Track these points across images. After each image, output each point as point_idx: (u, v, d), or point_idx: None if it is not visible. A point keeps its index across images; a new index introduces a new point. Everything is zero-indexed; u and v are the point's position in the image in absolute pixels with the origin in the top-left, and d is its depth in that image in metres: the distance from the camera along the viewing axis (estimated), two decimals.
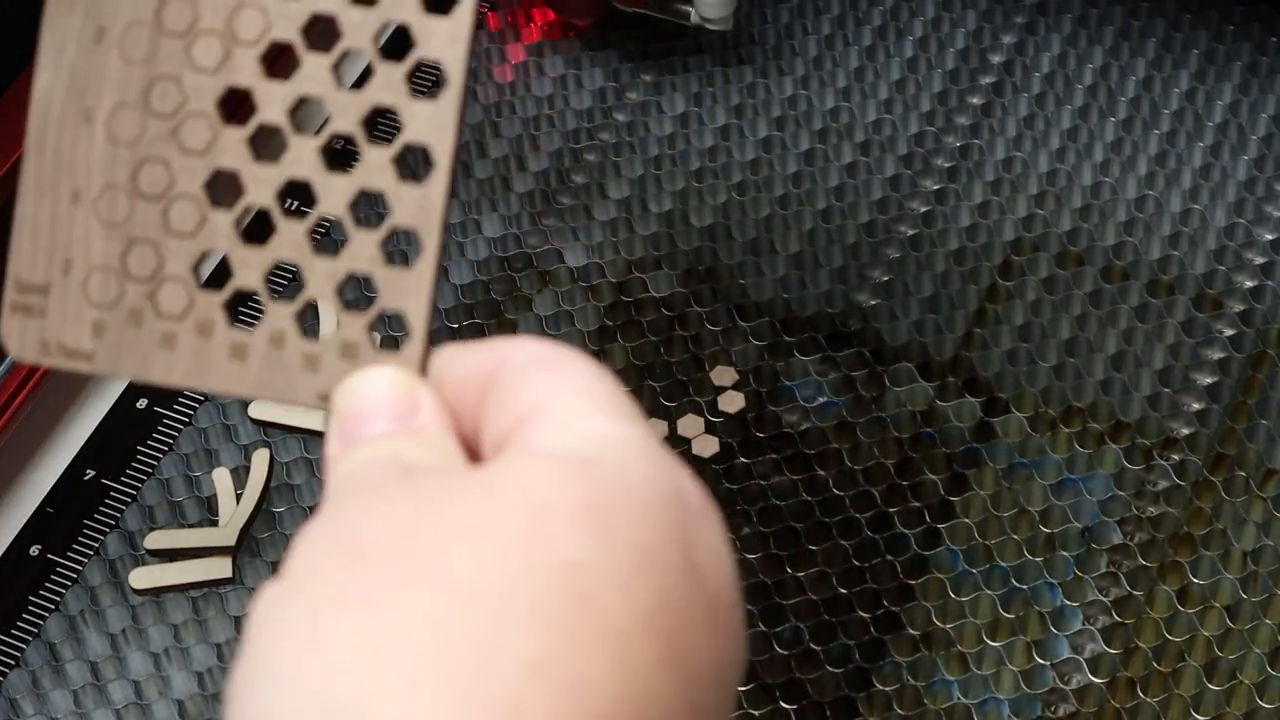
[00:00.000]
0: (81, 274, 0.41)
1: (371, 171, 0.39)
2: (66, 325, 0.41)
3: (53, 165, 0.41)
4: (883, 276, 0.72)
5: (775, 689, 0.61)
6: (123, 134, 0.40)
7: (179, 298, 0.40)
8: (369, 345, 0.39)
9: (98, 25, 0.41)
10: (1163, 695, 0.61)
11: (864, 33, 0.79)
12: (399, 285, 0.39)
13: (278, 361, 0.40)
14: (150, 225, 0.40)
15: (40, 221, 0.41)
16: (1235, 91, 0.76)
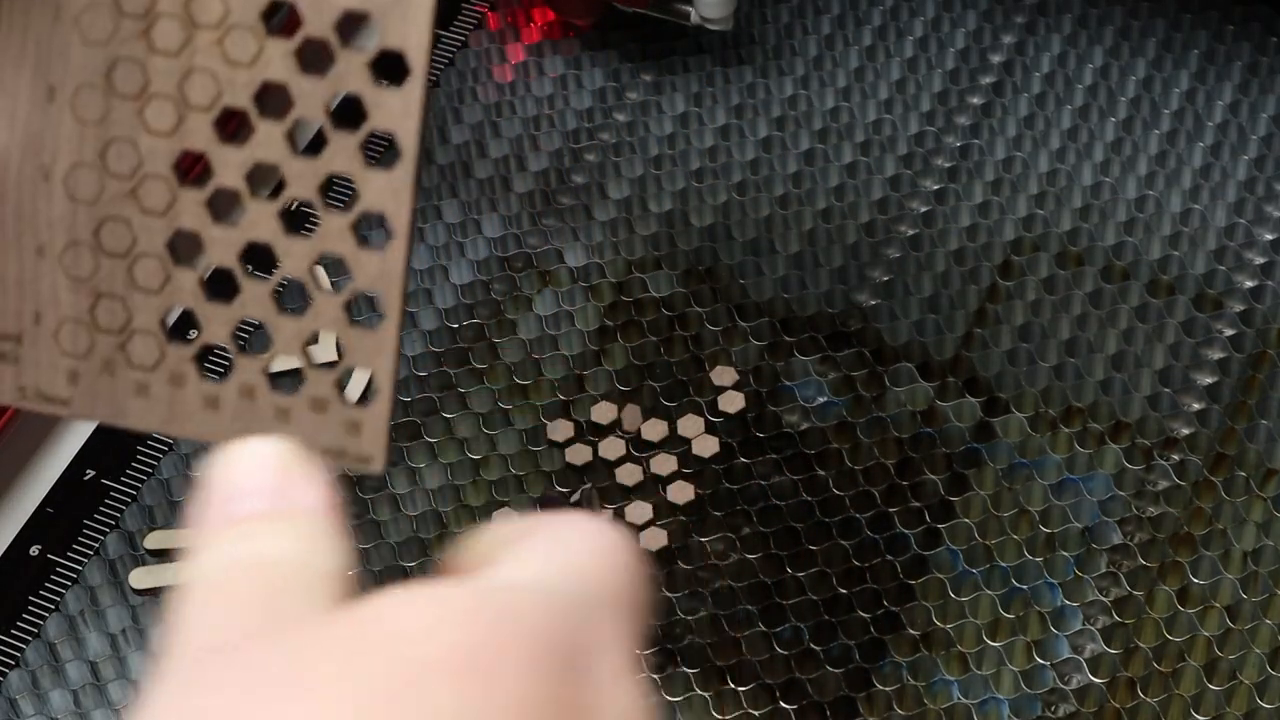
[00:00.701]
0: (52, 325, 0.41)
1: (330, 237, 0.40)
2: (41, 372, 0.41)
3: (15, 220, 0.41)
4: (883, 276, 0.72)
5: (775, 689, 0.61)
6: (82, 193, 0.41)
7: (150, 350, 0.41)
8: (337, 401, 0.40)
9: (48, 84, 0.41)
10: (1163, 695, 0.61)
11: (864, 33, 0.79)
12: (364, 346, 0.40)
13: (250, 412, 0.41)
14: (116, 280, 0.41)
15: (7, 274, 0.41)
16: (1235, 91, 0.76)
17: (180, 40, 0.40)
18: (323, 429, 0.41)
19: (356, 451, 0.41)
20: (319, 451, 0.40)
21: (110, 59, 0.40)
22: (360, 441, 0.41)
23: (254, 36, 0.40)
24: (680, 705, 0.61)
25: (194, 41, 0.40)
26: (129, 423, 0.41)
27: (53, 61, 0.41)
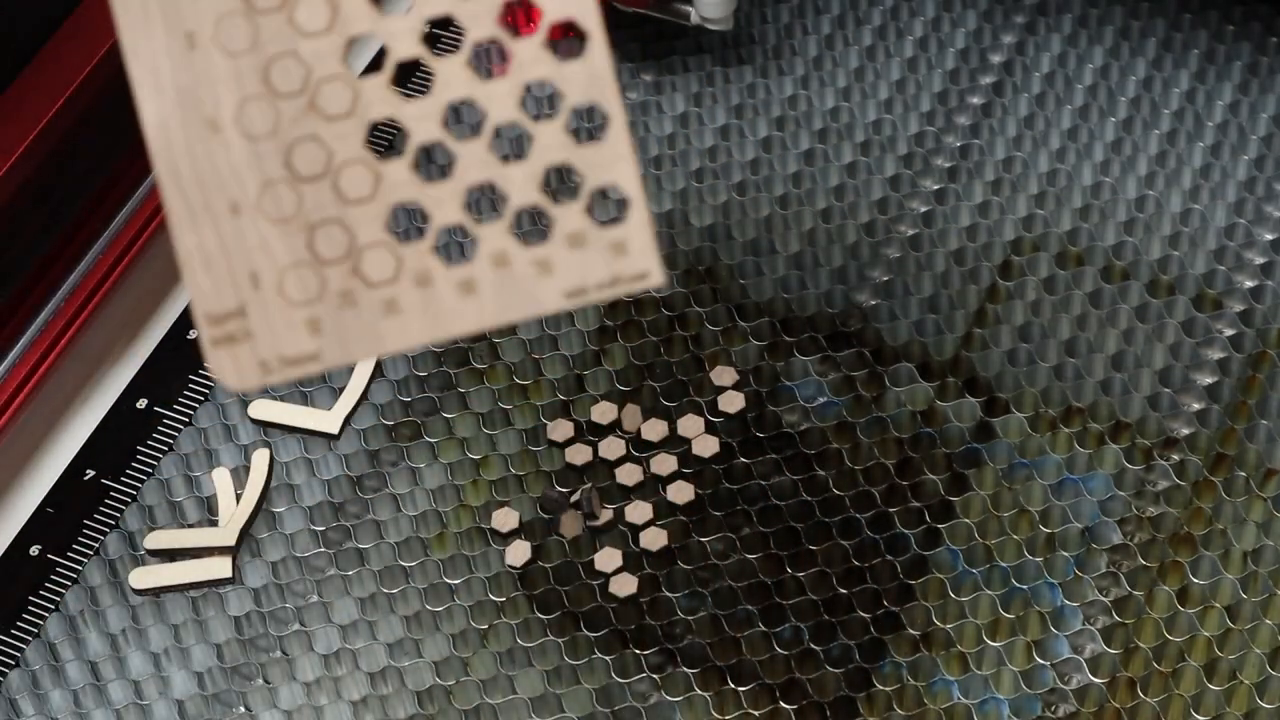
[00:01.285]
0: (273, 281, 0.38)
1: (526, 64, 0.38)
2: (279, 335, 0.38)
3: (196, 188, 0.38)
4: (883, 276, 0.72)
5: (775, 689, 0.61)
6: (258, 128, 0.38)
7: (385, 261, 0.38)
8: (594, 227, 0.38)
9: (184, 33, 0.38)
10: (1163, 695, 0.61)
11: (864, 33, 0.79)
12: (599, 159, 0.38)
13: (509, 280, 0.38)
14: (325, 204, 0.38)
15: (207, 248, 0.38)
16: (1235, 91, 0.76)
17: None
18: (588, 264, 0.38)
19: (630, 272, 0.38)
20: (593, 290, 0.38)
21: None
22: (630, 260, 0.38)
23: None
24: (680, 705, 0.61)
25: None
26: (389, 348, 0.38)
27: (181, 6, 0.38)
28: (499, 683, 0.62)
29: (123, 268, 0.72)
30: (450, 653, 0.63)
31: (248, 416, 0.68)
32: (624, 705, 0.61)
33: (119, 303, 0.72)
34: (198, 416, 0.68)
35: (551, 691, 0.62)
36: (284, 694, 0.62)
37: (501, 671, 0.62)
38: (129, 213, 0.73)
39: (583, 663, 0.62)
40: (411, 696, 0.62)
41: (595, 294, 0.38)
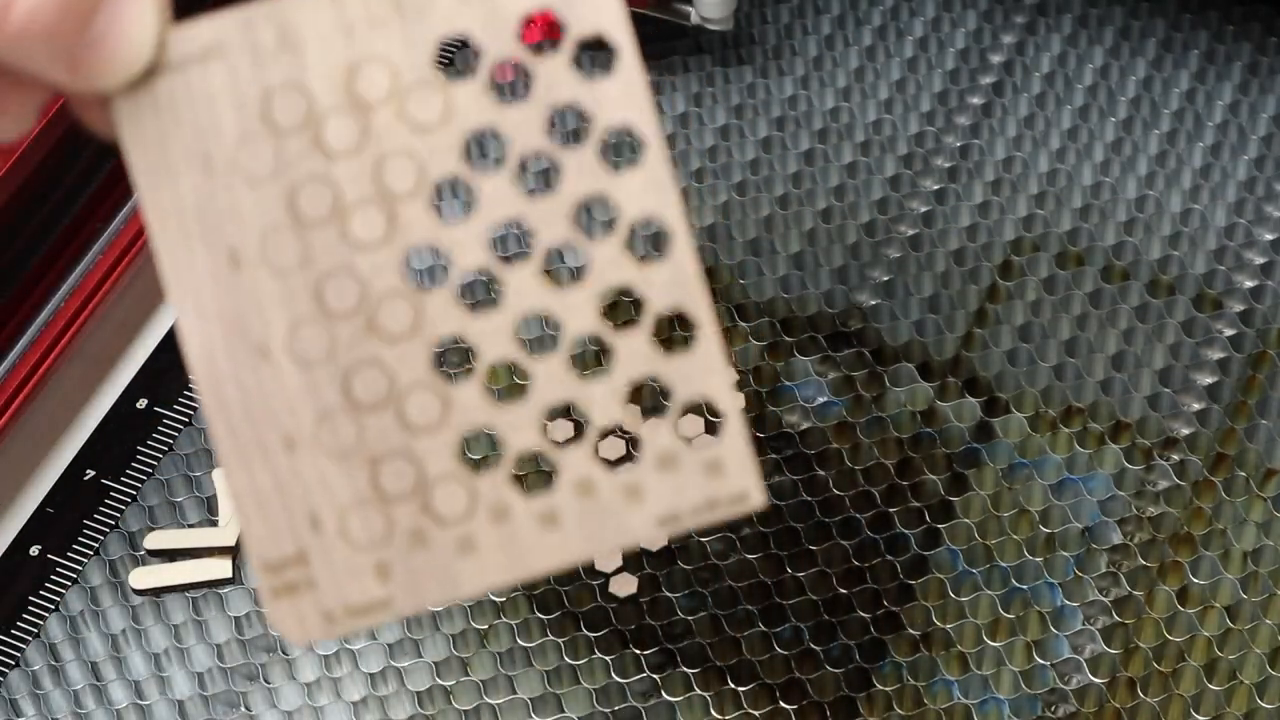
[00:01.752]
0: (335, 522, 0.35)
1: (606, 268, 0.35)
2: (344, 583, 0.35)
3: (246, 422, 0.35)
4: (883, 276, 0.72)
5: (775, 689, 0.61)
6: (312, 353, 0.35)
7: (458, 496, 0.35)
8: (686, 447, 0.35)
9: (228, 252, 0.35)
10: (1163, 695, 0.61)
11: (864, 33, 0.79)
12: (691, 371, 0.35)
13: (596, 510, 0.35)
14: (389, 435, 0.35)
15: (261, 489, 0.35)
16: (1235, 91, 0.76)
17: (357, 132, 0.35)
18: (682, 488, 0.35)
19: (728, 493, 0.36)
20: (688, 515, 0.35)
21: (288, 188, 0.35)
22: (727, 481, 0.35)
23: (436, 90, 0.35)
24: (680, 705, 0.61)
25: (372, 126, 0.35)
26: (466, 591, 0.35)
27: (222, 222, 0.35)
28: (499, 683, 0.62)
29: (123, 268, 0.72)
30: (450, 653, 0.63)
31: None
32: (624, 705, 0.61)
33: (119, 303, 0.72)
34: (198, 416, 0.68)
35: (551, 692, 0.62)
36: (284, 694, 0.62)
37: (501, 672, 0.62)
38: (129, 213, 0.73)
39: (583, 663, 0.62)
40: (411, 697, 0.62)
41: (690, 519, 0.35)
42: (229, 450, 0.35)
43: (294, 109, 0.35)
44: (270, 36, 0.35)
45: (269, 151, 0.35)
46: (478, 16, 0.35)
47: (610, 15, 0.36)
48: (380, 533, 0.35)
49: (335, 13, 0.35)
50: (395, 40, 0.35)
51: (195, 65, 0.35)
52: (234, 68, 0.35)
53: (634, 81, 0.35)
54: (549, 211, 0.35)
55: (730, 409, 0.35)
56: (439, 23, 0.35)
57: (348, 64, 0.35)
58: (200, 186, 0.35)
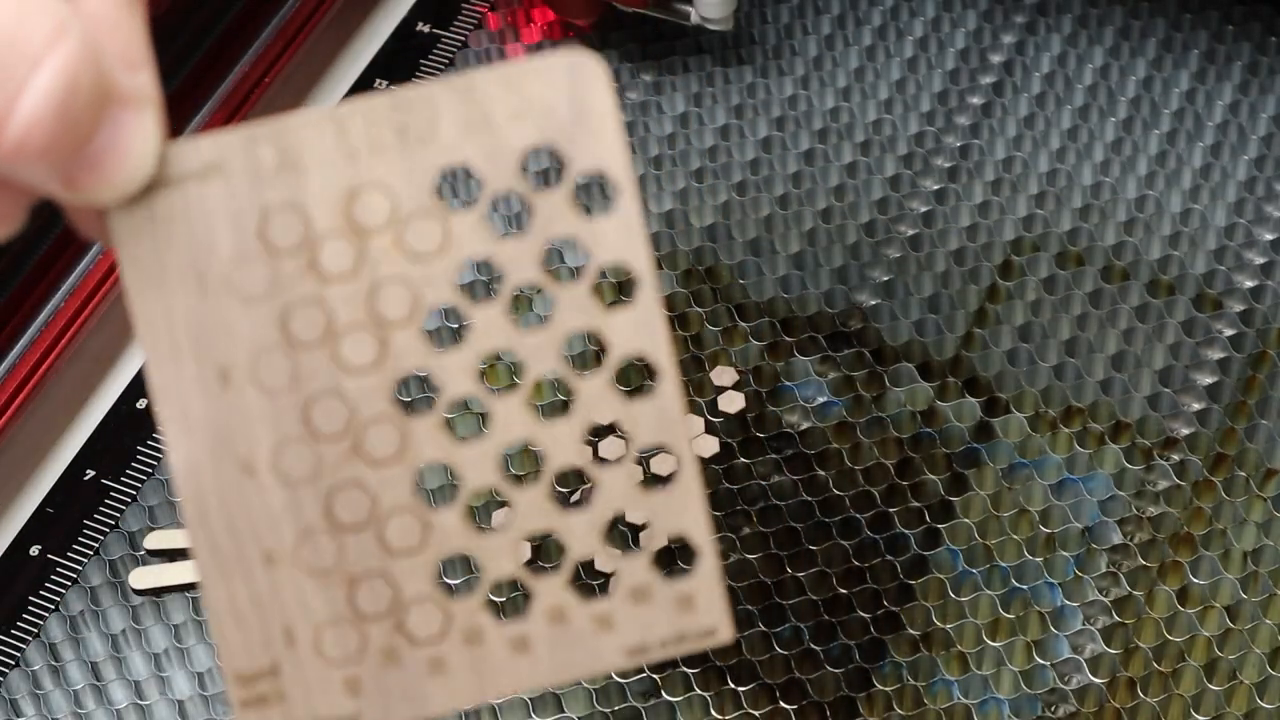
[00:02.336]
0: (309, 638, 0.35)
1: (592, 403, 0.36)
2: (314, 697, 0.35)
3: (228, 535, 0.35)
4: (883, 276, 0.72)
5: (775, 689, 0.61)
6: (297, 472, 0.35)
7: (432, 618, 0.36)
8: (660, 581, 0.36)
9: (217, 369, 0.35)
10: (1163, 695, 0.61)
11: (864, 33, 0.79)
12: (667, 507, 0.36)
13: (567, 637, 0.36)
14: (368, 556, 0.35)
15: (238, 601, 0.35)
16: (1235, 91, 0.76)
17: (353, 256, 0.35)
18: (652, 621, 0.36)
19: (696, 629, 0.36)
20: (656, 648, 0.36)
21: (281, 309, 0.35)
22: (697, 616, 0.36)
23: (435, 219, 0.36)
24: (680, 705, 0.61)
25: (369, 251, 0.35)
26: (434, 709, 0.35)
27: (214, 339, 0.35)
28: None
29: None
30: None
31: None
32: (624, 705, 0.61)
33: (118, 303, 0.72)
34: None
35: (551, 691, 0.62)
36: None
37: None
38: None
39: None
40: None
41: (658, 651, 0.36)
42: (208, 562, 0.35)
43: (291, 230, 0.35)
44: (271, 156, 0.35)
45: (264, 271, 0.35)
46: (481, 148, 0.36)
47: (612, 153, 0.36)
48: (354, 649, 0.36)
49: (338, 136, 0.35)
50: (396, 167, 0.35)
51: (194, 182, 0.35)
52: (233, 186, 0.35)
53: (632, 221, 0.36)
54: (539, 346, 0.36)
55: (706, 546, 0.36)
56: (441, 152, 0.36)
57: (348, 188, 0.35)
58: (193, 303, 0.35)
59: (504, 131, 0.36)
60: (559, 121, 0.36)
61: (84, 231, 0.37)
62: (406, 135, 0.36)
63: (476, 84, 0.36)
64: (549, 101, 0.36)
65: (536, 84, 0.36)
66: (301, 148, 0.35)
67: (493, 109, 0.36)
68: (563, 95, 0.36)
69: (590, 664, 0.36)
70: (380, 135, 0.35)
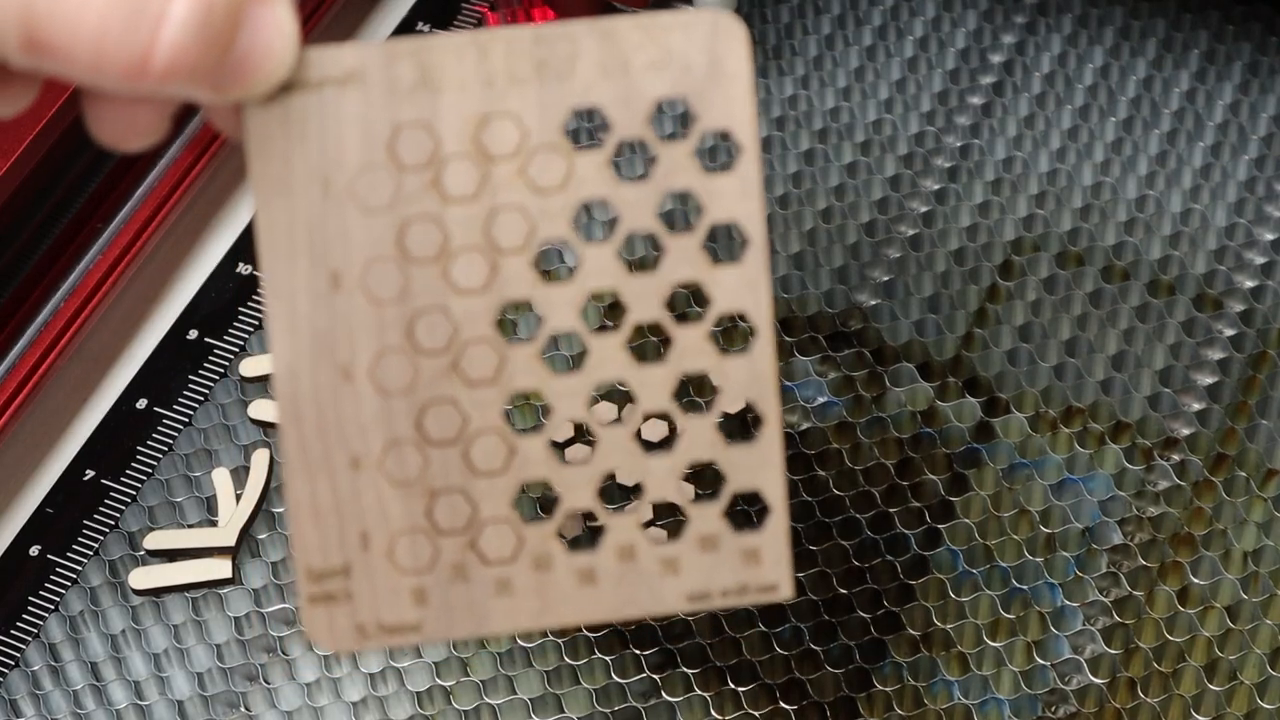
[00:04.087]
0: (384, 544, 0.36)
1: (688, 354, 0.36)
2: (381, 602, 0.36)
3: (318, 437, 0.36)
4: (883, 276, 0.72)
5: (775, 689, 0.61)
6: (393, 383, 0.36)
7: (505, 540, 0.36)
8: (729, 531, 0.37)
9: (329, 270, 0.36)
10: (1163, 696, 0.61)
11: (864, 32, 0.79)
12: (746, 462, 0.37)
13: (633, 575, 0.37)
14: (451, 472, 0.36)
15: (320, 501, 0.36)
16: (1236, 91, 0.76)
17: (476, 180, 0.36)
18: (717, 569, 0.37)
19: (759, 582, 0.37)
20: (717, 596, 0.36)
21: (399, 222, 0.36)
22: (761, 570, 0.37)
23: (560, 155, 0.36)
24: (680, 705, 0.61)
25: (492, 178, 0.36)
26: (493, 628, 0.36)
27: (330, 243, 0.36)
28: (498, 683, 0.62)
29: (123, 268, 0.72)
30: (449, 653, 0.63)
31: (248, 417, 0.68)
32: (624, 705, 0.61)
33: (119, 303, 0.72)
34: (197, 417, 0.68)
35: (551, 692, 0.62)
36: (284, 695, 0.62)
37: (501, 672, 0.62)
38: (129, 212, 0.73)
39: (582, 663, 0.62)
40: (411, 697, 0.62)
41: (719, 600, 0.37)
42: (296, 459, 0.36)
43: (420, 147, 0.36)
44: (411, 73, 0.36)
45: (388, 184, 0.36)
46: (614, 92, 0.36)
47: (741, 115, 0.36)
48: (425, 561, 0.36)
49: (477, 62, 0.36)
50: (530, 99, 0.36)
51: (332, 87, 0.36)
52: (369, 97, 0.36)
53: (750, 183, 0.36)
54: (644, 289, 0.37)
55: (778, 504, 0.37)
56: (576, 91, 0.36)
57: (480, 114, 0.36)
58: (315, 205, 0.36)
59: (639, 79, 0.36)
60: (694, 77, 0.36)
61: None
62: (545, 70, 0.36)
63: (619, 29, 0.36)
64: (688, 56, 0.36)
65: (678, 37, 0.36)
66: (441, 68, 0.36)
67: (631, 55, 0.36)
68: (702, 51, 0.36)
69: (652, 604, 0.37)
70: (519, 66, 0.36)
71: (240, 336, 0.70)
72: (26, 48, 0.34)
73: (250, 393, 0.69)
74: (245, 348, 0.70)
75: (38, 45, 0.34)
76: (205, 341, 0.70)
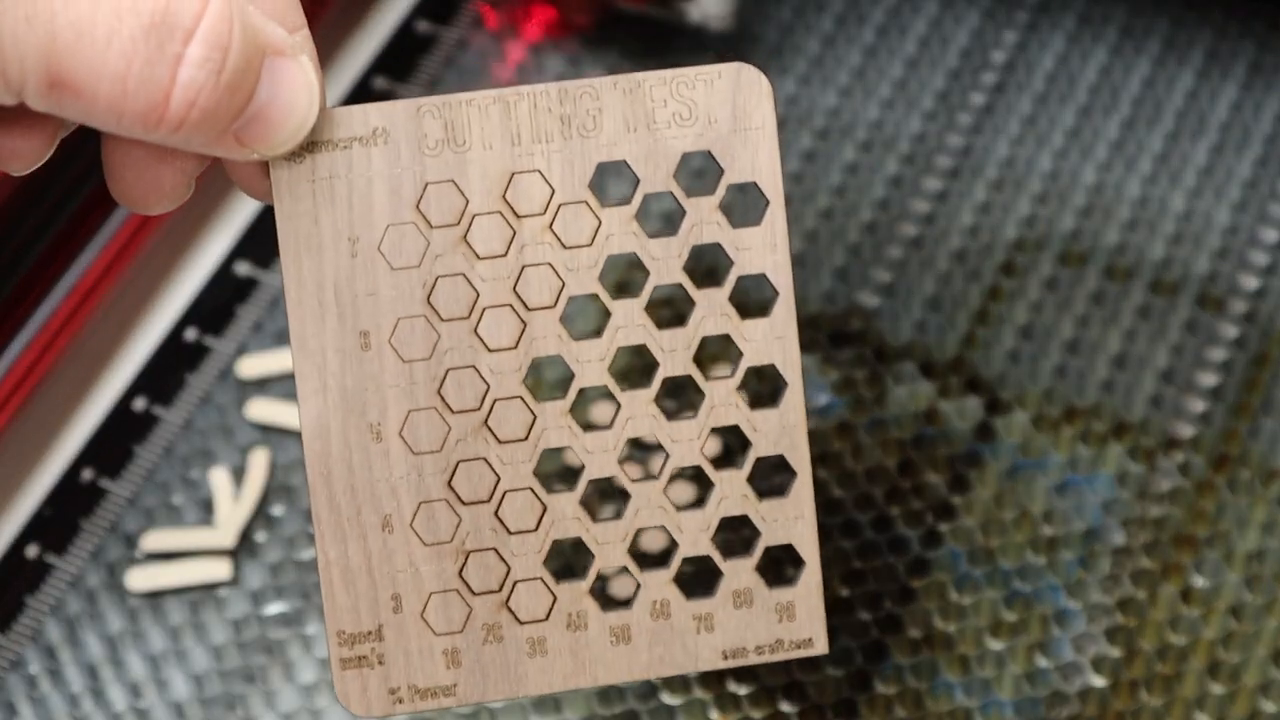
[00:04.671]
0: (416, 605, 0.37)
1: (718, 408, 0.37)
2: (414, 664, 0.37)
3: (348, 496, 0.36)
4: (885, 276, 0.71)
5: (776, 691, 0.61)
6: (424, 443, 0.36)
7: (539, 599, 0.37)
8: (763, 587, 0.37)
9: (359, 331, 0.36)
10: (1166, 697, 0.60)
11: (866, 31, 0.79)
12: (779, 515, 0.37)
13: (667, 633, 0.37)
14: (483, 532, 0.37)
15: (350, 563, 0.36)
16: (1239, 90, 0.76)
17: (504, 238, 0.36)
18: (751, 625, 0.37)
19: (794, 637, 0.37)
20: (751, 653, 0.37)
21: (428, 281, 0.36)
22: (795, 626, 0.37)
23: (588, 210, 0.37)
24: (680, 708, 0.61)
25: (520, 235, 0.36)
26: (529, 690, 0.37)
27: (359, 302, 0.36)
28: None
29: (121, 267, 0.72)
30: None
31: (246, 418, 0.68)
32: (623, 708, 0.61)
33: (117, 303, 0.72)
34: (196, 418, 0.68)
35: (551, 693, 0.61)
36: (282, 697, 0.62)
37: None
38: (127, 212, 0.73)
39: None
40: None
41: (754, 656, 0.37)
42: (326, 521, 0.36)
43: (448, 204, 0.36)
44: (437, 130, 0.37)
45: (417, 241, 0.36)
46: (640, 147, 0.37)
47: (767, 167, 0.37)
48: (458, 622, 0.37)
49: (503, 119, 0.36)
50: (556, 156, 0.37)
51: (359, 146, 0.36)
52: (396, 154, 0.36)
53: (778, 235, 0.37)
54: (674, 344, 0.37)
55: (811, 557, 0.37)
56: (602, 147, 0.37)
57: (507, 170, 0.36)
58: (343, 264, 0.36)
59: (664, 134, 0.37)
60: (719, 130, 0.37)
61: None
62: (569, 125, 0.37)
63: (643, 84, 0.37)
64: (712, 109, 0.37)
65: (701, 91, 0.37)
66: (467, 125, 0.37)
67: (655, 110, 0.37)
68: (726, 105, 0.37)
69: (687, 663, 0.37)
70: (544, 122, 0.37)
71: (239, 337, 0.70)
72: (49, 87, 0.34)
73: (248, 394, 0.69)
74: (244, 348, 0.70)
75: (61, 85, 0.34)
76: (203, 342, 0.70)
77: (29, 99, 0.35)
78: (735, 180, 0.37)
